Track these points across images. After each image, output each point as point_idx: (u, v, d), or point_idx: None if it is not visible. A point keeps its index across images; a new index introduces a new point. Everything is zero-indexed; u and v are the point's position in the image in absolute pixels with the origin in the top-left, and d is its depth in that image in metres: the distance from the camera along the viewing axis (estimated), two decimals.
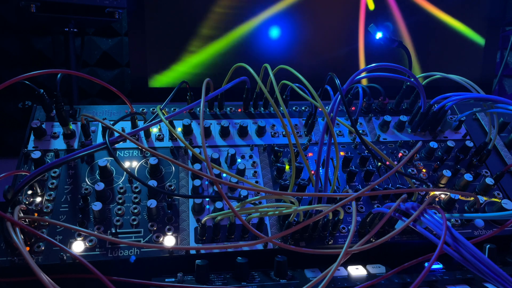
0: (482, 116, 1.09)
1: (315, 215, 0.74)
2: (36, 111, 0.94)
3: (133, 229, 0.78)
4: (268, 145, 0.95)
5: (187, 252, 0.76)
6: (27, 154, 0.86)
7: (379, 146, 0.98)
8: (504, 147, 1.02)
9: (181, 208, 0.82)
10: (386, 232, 0.81)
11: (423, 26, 1.55)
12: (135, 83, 1.43)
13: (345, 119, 1.02)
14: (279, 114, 0.79)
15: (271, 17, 1.44)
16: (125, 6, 1.27)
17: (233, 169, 0.90)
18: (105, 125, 0.78)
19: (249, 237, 0.80)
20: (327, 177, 0.75)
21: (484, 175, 0.96)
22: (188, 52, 1.43)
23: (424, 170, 0.95)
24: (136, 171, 0.87)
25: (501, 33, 1.66)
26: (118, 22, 1.43)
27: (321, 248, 0.71)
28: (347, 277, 0.73)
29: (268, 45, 1.46)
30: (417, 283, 0.62)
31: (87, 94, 1.58)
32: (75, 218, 0.78)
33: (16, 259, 0.71)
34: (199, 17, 1.40)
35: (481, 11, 1.58)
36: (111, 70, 1.60)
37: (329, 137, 0.75)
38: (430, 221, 0.70)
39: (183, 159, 0.91)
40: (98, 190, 0.79)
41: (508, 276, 0.61)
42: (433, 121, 1.00)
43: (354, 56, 1.53)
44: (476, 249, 0.65)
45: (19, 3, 1.17)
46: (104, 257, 0.73)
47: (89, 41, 1.54)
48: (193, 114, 1.00)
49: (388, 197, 0.89)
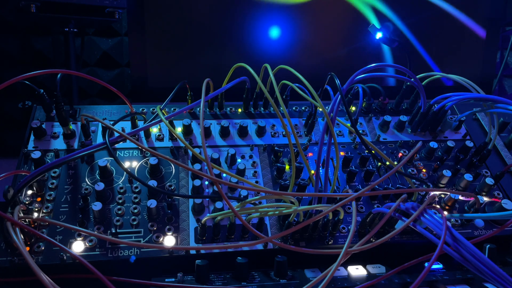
0: (482, 116, 1.09)
1: (315, 215, 0.73)
2: (36, 111, 0.94)
3: (133, 229, 0.78)
4: (268, 145, 0.95)
5: (187, 252, 0.76)
6: (27, 154, 0.86)
7: (379, 146, 0.98)
8: (504, 147, 1.02)
9: (181, 208, 0.82)
10: (386, 232, 0.81)
11: (423, 26, 1.55)
12: (135, 83, 1.43)
13: (345, 119, 1.02)
14: (279, 114, 0.79)
15: (271, 17, 1.44)
16: (125, 6, 1.27)
17: (233, 169, 0.90)
18: (105, 125, 0.78)
19: (249, 237, 0.80)
20: (327, 177, 0.75)
21: (484, 175, 0.96)
22: (188, 52, 1.42)
23: (424, 170, 0.95)
24: (136, 171, 0.87)
25: (501, 33, 1.66)
26: (118, 22, 1.43)
27: (321, 248, 0.71)
28: (347, 277, 0.73)
29: (268, 45, 1.46)
30: (417, 283, 0.62)
31: (87, 94, 1.58)
32: (75, 218, 0.78)
33: (16, 259, 0.71)
34: (199, 17, 1.40)
35: (481, 11, 1.58)
36: (111, 70, 1.59)
37: (329, 137, 0.75)
38: (430, 221, 0.70)
39: (183, 159, 0.91)
40: (98, 190, 0.79)
41: (508, 276, 0.61)
42: (433, 121, 1.00)
43: (354, 56, 1.53)
44: (476, 249, 0.65)
45: (19, 3, 1.17)
46: (104, 257, 0.73)
47: (89, 41, 1.54)
48: (193, 114, 1.00)
49: (388, 197, 0.89)
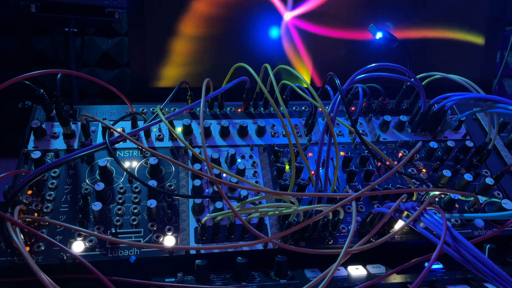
0: (482, 116, 1.09)
1: (315, 215, 0.73)
2: (36, 111, 0.94)
3: (133, 229, 0.78)
4: (268, 145, 0.95)
5: (187, 252, 0.76)
6: (27, 154, 0.86)
7: (379, 146, 0.98)
8: (504, 147, 1.02)
9: (181, 208, 0.82)
10: (386, 232, 0.81)
11: (423, 26, 1.55)
12: (135, 83, 1.43)
13: (345, 119, 1.02)
14: (279, 114, 0.79)
15: (271, 17, 1.44)
16: (125, 6, 1.27)
17: (233, 169, 0.90)
18: (105, 125, 0.78)
19: (249, 237, 0.80)
20: (327, 177, 0.75)
21: (484, 175, 0.96)
22: (188, 52, 1.42)
23: (424, 170, 0.95)
24: (136, 171, 0.87)
25: (501, 33, 1.66)
26: (118, 22, 1.43)
27: (321, 248, 0.71)
28: (347, 277, 0.73)
29: (268, 45, 1.46)
30: (417, 283, 0.62)
31: (87, 94, 1.58)
32: (75, 218, 0.78)
33: (16, 259, 0.71)
34: (199, 17, 1.40)
35: (481, 11, 1.58)
36: (111, 70, 1.59)
37: (329, 137, 0.75)
38: (430, 221, 0.70)
39: (183, 159, 0.91)
40: (98, 190, 0.79)
41: (508, 276, 0.61)
42: (433, 121, 1.00)
43: (354, 56, 1.53)
44: (476, 249, 0.65)
45: (19, 3, 1.17)
46: (104, 257, 0.73)
47: (89, 41, 1.54)
48: (193, 114, 1.00)
49: (388, 197, 0.89)
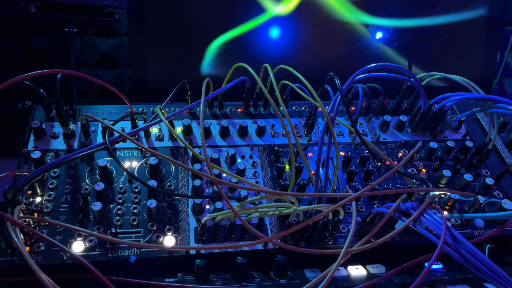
0: (482, 116, 1.09)
1: (315, 215, 0.73)
2: (36, 111, 0.94)
3: (133, 229, 0.78)
4: (268, 145, 0.95)
5: (187, 252, 0.76)
6: (27, 154, 0.86)
7: (379, 146, 0.98)
8: (504, 147, 1.02)
9: (181, 208, 0.82)
10: (386, 232, 0.81)
11: (423, 26, 1.55)
12: (135, 83, 1.43)
13: (345, 119, 1.02)
14: (279, 114, 0.79)
15: (271, 18, 1.44)
16: (125, 6, 1.27)
17: (233, 169, 0.90)
18: (105, 125, 0.78)
19: (249, 237, 0.80)
20: (327, 177, 0.75)
21: (484, 175, 0.96)
22: (188, 52, 1.42)
23: (424, 170, 0.95)
24: (136, 171, 0.87)
25: (501, 33, 1.66)
26: (118, 22, 1.43)
27: (321, 248, 0.71)
28: (347, 277, 0.73)
29: (268, 45, 1.46)
30: (417, 283, 0.62)
31: (87, 94, 1.58)
32: (75, 218, 0.78)
33: (16, 259, 0.71)
34: (199, 17, 1.40)
35: (481, 11, 1.58)
36: (111, 70, 1.60)
37: (329, 137, 0.75)
38: (430, 221, 0.70)
39: (183, 159, 0.91)
40: (98, 190, 0.79)
41: (508, 276, 0.61)
42: (433, 121, 1.00)
43: (354, 56, 1.53)
44: (476, 249, 0.65)
45: (19, 3, 1.17)
46: (104, 257, 0.73)
47: (89, 41, 1.54)
48: (193, 114, 1.00)
49: (388, 197, 0.89)
